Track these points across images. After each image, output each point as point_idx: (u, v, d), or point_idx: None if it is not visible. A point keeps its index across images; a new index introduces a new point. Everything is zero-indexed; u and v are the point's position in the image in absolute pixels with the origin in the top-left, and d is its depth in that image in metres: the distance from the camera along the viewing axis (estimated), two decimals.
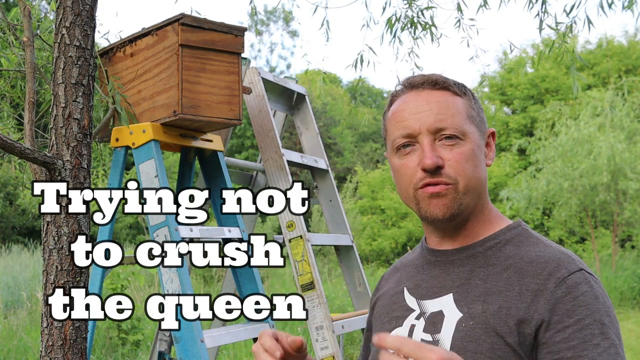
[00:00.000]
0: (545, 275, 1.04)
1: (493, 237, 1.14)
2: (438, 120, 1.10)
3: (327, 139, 24.11)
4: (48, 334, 1.75)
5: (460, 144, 1.11)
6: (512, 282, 1.06)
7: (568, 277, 1.03)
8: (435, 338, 1.08)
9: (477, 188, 1.12)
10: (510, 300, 1.04)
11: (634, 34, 23.75)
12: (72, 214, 1.76)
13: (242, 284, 2.74)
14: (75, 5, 1.76)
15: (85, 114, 1.78)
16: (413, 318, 1.14)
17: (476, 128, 1.15)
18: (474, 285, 1.09)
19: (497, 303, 1.04)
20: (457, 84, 1.17)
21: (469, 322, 1.05)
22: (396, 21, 3.83)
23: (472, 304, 1.07)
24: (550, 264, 1.05)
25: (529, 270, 1.06)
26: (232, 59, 2.59)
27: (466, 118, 1.13)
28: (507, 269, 1.08)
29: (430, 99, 1.13)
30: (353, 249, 3.31)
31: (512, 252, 1.11)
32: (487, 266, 1.10)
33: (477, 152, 1.13)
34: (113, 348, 6.62)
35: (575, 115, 15.38)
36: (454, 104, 1.13)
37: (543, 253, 1.08)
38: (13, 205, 16.42)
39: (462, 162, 1.10)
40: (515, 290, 1.04)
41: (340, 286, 9.97)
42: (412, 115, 1.12)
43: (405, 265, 1.27)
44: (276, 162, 3.03)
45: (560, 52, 3.31)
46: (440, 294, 1.12)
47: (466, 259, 1.13)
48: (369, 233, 19.03)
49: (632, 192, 12.93)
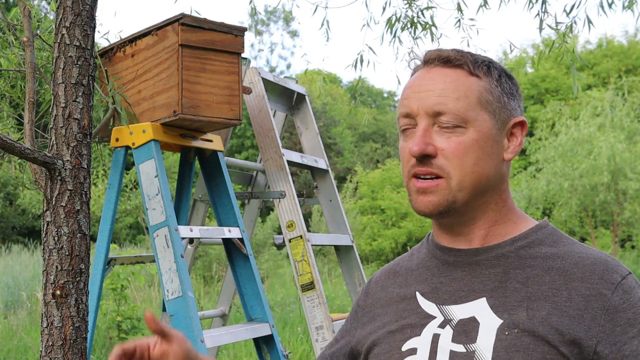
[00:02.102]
0: (596, 279, 0.94)
1: (523, 237, 1.01)
2: (437, 103, 0.97)
3: (327, 139, 24.11)
4: (48, 334, 1.75)
5: (460, 132, 0.97)
6: (557, 285, 0.95)
7: (622, 282, 0.94)
8: (470, 349, 0.95)
9: (477, 185, 0.99)
10: (560, 306, 0.94)
11: (634, 34, 23.77)
12: (72, 214, 1.76)
13: (242, 284, 2.74)
14: (75, 5, 1.76)
15: (85, 114, 1.78)
16: (435, 326, 1.00)
17: (489, 115, 0.99)
18: (512, 289, 0.97)
19: (544, 309, 0.94)
20: (477, 62, 1.01)
21: (512, 329, 0.94)
22: (396, 21, 3.83)
23: (513, 309, 0.95)
24: (598, 266, 0.96)
25: (575, 272, 0.96)
26: (232, 59, 2.59)
27: (476, 103, 0.98)
28: (549, 271, 0.97)
29: (437, 78, 1.00)
30: (353, 249, 3.31)
31: (549, 252, 0.99)
32: (524, 267, 0.98)
33: (482, 144, 0.98)
34: (113, 348, 6.62)
35: (576, 115, 15.39)
36: (463, 86, 0.98)
37: (585, 253, 0.98)
38: (13, 205, 16.41)
39: (458, 154, 0.97)
40: (563, 295, 0.94)
41: (340, 286, 9.98)
42: (413, 94, 1.00)
43: (411, 268, 1.11)
44: (276, 162, 3.02)
45: (561, 52, 3.31)
46: (469, 299, 0.99)
47: (496, 259, 1.00)
48: (369, 233, 19.03)
49: (632, 192, 12.93)
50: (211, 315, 3.56)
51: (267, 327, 2.68)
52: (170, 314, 2.39)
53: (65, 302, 1.74)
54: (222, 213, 2.79)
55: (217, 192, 2.81)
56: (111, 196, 2.58)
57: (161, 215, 2.43)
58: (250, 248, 2.76)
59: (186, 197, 2.89)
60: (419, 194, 1.00)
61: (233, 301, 3.65)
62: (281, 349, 2.69)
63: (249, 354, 6.42)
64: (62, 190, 1.75)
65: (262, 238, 14.19)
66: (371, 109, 30.21)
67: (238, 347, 6.55)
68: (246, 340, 5.51)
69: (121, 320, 6.58)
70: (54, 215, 1.75)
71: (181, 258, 2.40)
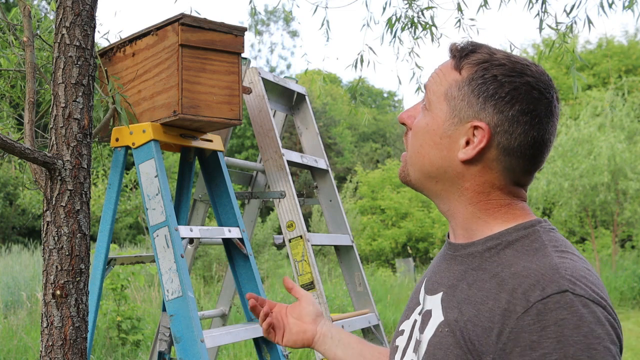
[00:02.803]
0: (519, 294, 0.88)
1: (497, 237, 0.99)
2: (428, 82, 1.07)
3: (327, 139, 24.10)
4: (48, 334, 1.75)
5: (424, 114, 1.05)
6: (491, 294, 0.92)
7: (541, 301, 0.86)
8: (419, 338, 1.01)
9: (423, 167, 1.04)
10: (480, 314, 0.91)
11: (634, 34, 23.77)
12: (72, 214, 1.76)
13: (242, 284, 2.74)
14: (75, 5, 1.76)
15: (85, 114, 1.78)
16: (417, 313, 1.08)
17: (449, 109, 1.01)
18: (460, 289, 0.98)
19: (467, 314, 0.93)
20: (467, 58, 1.01)
21: (444, 328, 0.96)
22: (396, 21, 3.83)
23: (452, 309, 0.97)
24: (528, 280, 0.89)
25: (508, 283, 0.91)
26: (232, 59, 2.59)
27: (442, 92, 1.02)
28: (493, 278, 0.94)
29: (444, 64, 1.07)
30: (353, 249, 3.31)
31: (509, 258, 0.95)
32: (479, 270, 0.97)
33: (430, 131, 1.02)
34: (113, 348, 6.61)
35: (576, 115, 15.39)
36: (444, 75, 1.03)
37: (531, 265, 0.91)
38: (13, 205, 16.41)
39: (415, 131, 1.06)
40: (488, 304, 0.91)
41: (340, 286, 9.97)
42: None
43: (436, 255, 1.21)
44: (276, 162, 3.02)
45: (561, 52, 3.31)
46: (436, 291, 1.04)
47: (466, 257, 1.01)
48: (369, 233, 19.03)
49: (632, 192, 12.93)
50: (211, 315, 3.56)
51: None
52: (170, 314, 2.39)
53: (65, 302, 1.74)
54: (222, 213, 2.79)
55: (217, 192, 2.81)
56: (111, 196, 2.58)
57: (161, 215, 2.43)
58: (250, 248, 2.76)
59: (186, 197, 2.89)
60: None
61: (233, 301, 3.64)
62: (281, 349, 2.69)
63: (249, 354, 6.41)
64: (62, 190, 1.75)
65: (262, 238, 14.19)
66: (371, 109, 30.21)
67: (238, 347, 6.55)
68: (246, 340, 5.51)
69: (121, 320, 6.59)
70: (54, 215, 1.75)
71: (181, 258, 2.40)
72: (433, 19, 3.81)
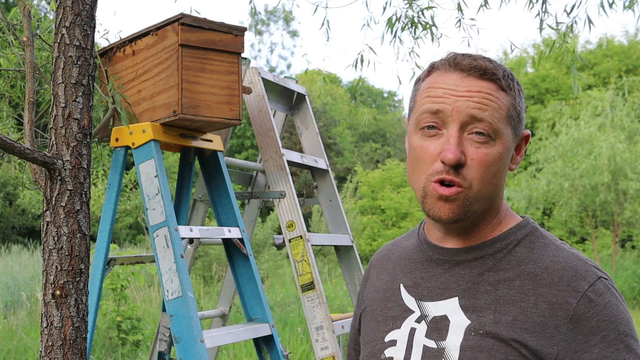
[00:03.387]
0: (563, 286, 0.96)
1: (503, 237, 1.04)
2: (476, 109, 0.98)
3: (327, 139, 24.10)
4: (48, 334, 1.75)
5: (490, 144, 0.99)
6: (526, 290, 0.97)
7: (589, 289, 0.95)
8: (441, 345, 1.00)
9: (491, 195, 1.02)
10: (526, 312, 0.96)
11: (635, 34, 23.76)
12: (72, 214, 1.75)
13: (242, 284, 2.73)
14: (75, 5, 1.76)
15: (85, 114, 1.78)
16: (413, 320, 1.05)
17: (511, 130, 1.02)
18: (483, 290, 1.00)
19: (510, 314, 0.96)
20: (506, 76, 1.02)
21: (478, 330, 0.97)
22: (396, 21, 3.83)
23: (481, 311, 0.98)
24: (567, 272, 0.97)
25: (544, 277, 0.97)
26: (232, 59, 2.59)
27: (505, 117, 1.01)
28: (520, 276, 0.99)
29: (473, 86, 1.00)
30: (353, 249, 3.31)
31: (524, 255, 1.01)
32: (497, 270, 1.01)
33: (504, 157, 1.01)
34: (113, 348, 6.61)
35: (576, 115, 15.39)
36: (497, 99, 1.00)
37: (558, 258, 0.99)
38: (13, 205, 16.41)
39: (484, 165, 0.99)
40: (530, 301, 0.96)
41: (340, 286, 9.97)
42: (448, 96, 1.00)
43: (400, 257, 1.16)
44: (276, 162, 3.02)
45: (561, 52, 3.31)
46: (444, 297, 1.03)
47: (474, 261, 1.04)
48: (369, 233, 19.03)
49: (632, 192, 12.93)
50: (211, 316, 3.56)
51: (267, 327, 2.67)
52: (170, 314, 2.38)
53: (65, 302, 1.74)
54: (222, 213, 2.79)
55: (217, 192, 2.80)
56: (111, 196, 2.58)
57: (161, 215, 2.43)
58: (250, 248, 2.76)
59: (186, 197, 2.89)
60: (440, 200, 1.00)
61: (233, 301, 3.64)
62: (281, 349, 2.69)
63: (249, 354, 6.41)
64: (62, 190, 1.74)
65: (262, 238, 14.19)
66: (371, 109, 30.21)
67: (238, 347, 6.55)
68: (246, 340, 5.51)
69: (121, 320, 6.58)
70: (54, 215, 1.75)
71: (181, 258, 2.40)
72: (433, 18, 3.81)
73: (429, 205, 1.02)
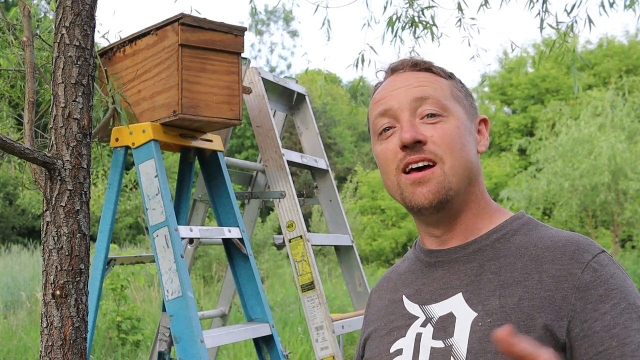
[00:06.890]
0: (566, 260, 0.94)
1: (499, 229, 1.03)
2: (418, 91, 1.02)
3: (327, 139, 24.10)
4: (48, 334, 1.75)
5: (444, 120, 1.01)
6: (529, 270, 0.95)
7: (593, 260, 0.94)
8: (448, 343, 0.97)
9: (466, 170, 1.01)
10: (531, 290, 0.94)
11: (635, 34, 23.76)
12: (72, 214, 1.75)
13: (242, 284, 2.73)
14: (75, 5, 1.76)
15: (85, 114, 1.78)
16: (418, 326, 1.02)
17: (462, 108, 1.04)
18: (486, 280, 0.98)
19: (515, 295, 0.94)
20: (442, 68, 1.07)
21: (485, 320, 0.95)
22: (397, 20, 3.83)
23: (486, 300, 0.96)
24: (569, 247, 0.95)
25: (546, 256, 0.96)
26: (232, 59, 2.59)
27: (450, 95, 1.03)
28: (522, 258, 0.97)
29: (410, 77, 1.04)
30: (353, 249, 3.30)
31: (523, 240, 1.00)
32: (498, 258, 0.99)
33: (463, 131, 1.02)
34: (113, 348, 6.61)
35: (576, 115, 15.39)
36: (436, 81, 1.04)
37: (558, 237, 0.98)
38: (13, 205, 16.41)
39: (447, 139, 0.99)
40: (534, 278, 0.94)
41: (340, 286, 9.97)
42: (390, 94, 1.04)
43: (400, 273, 1.14)
44: (276, 162, 3.02)
45: (561, 52, 3.31)
46: (447, 296, 1.01)
47: (472, 255, 1.02)
48: (369, 233, 19.03)
49: (632, 192, 12.93)
50: (211, 316, 3.56)
51: (267, 327, 2.67)
52: (170, 314, 2.38)
53: (65, 302, 1.74)
54: (222, 213, 2.79)
55: (217, 192, 2.80)
56: (111, 196, 2.58)
57: (161, 215, 2.43)
58: (250, 248, 2.76)
59: (186, 197, 2.89)
60: (415, 185, 1.00)
61: (233, 301, 3.64)
62: (281, 349, 2.69)
63: (249, 354, 6.41)
64: (62, 190, 1.74)
65: (262, 238, 14.19)
66: None
67: (238, 347, 6.55)
68: (246, 340, 5.51)
69: (121, 320, 6.58)
70: (54, 215, 1.75)
71: (181, 258, 2.40)
72: (433, 18, 3.81)
73: (408, 197, 1.00)
